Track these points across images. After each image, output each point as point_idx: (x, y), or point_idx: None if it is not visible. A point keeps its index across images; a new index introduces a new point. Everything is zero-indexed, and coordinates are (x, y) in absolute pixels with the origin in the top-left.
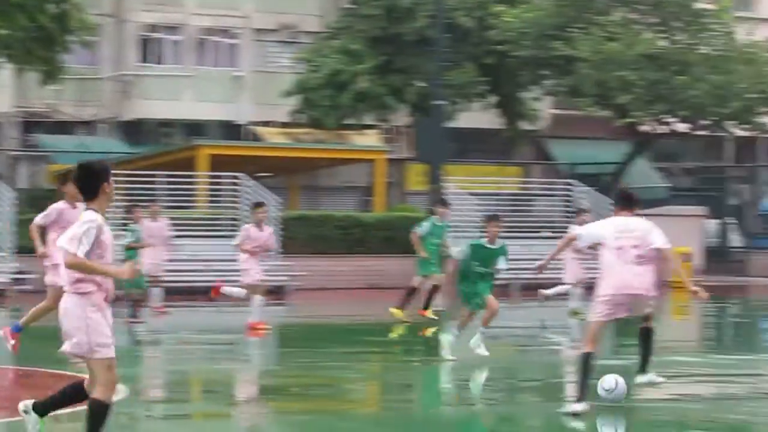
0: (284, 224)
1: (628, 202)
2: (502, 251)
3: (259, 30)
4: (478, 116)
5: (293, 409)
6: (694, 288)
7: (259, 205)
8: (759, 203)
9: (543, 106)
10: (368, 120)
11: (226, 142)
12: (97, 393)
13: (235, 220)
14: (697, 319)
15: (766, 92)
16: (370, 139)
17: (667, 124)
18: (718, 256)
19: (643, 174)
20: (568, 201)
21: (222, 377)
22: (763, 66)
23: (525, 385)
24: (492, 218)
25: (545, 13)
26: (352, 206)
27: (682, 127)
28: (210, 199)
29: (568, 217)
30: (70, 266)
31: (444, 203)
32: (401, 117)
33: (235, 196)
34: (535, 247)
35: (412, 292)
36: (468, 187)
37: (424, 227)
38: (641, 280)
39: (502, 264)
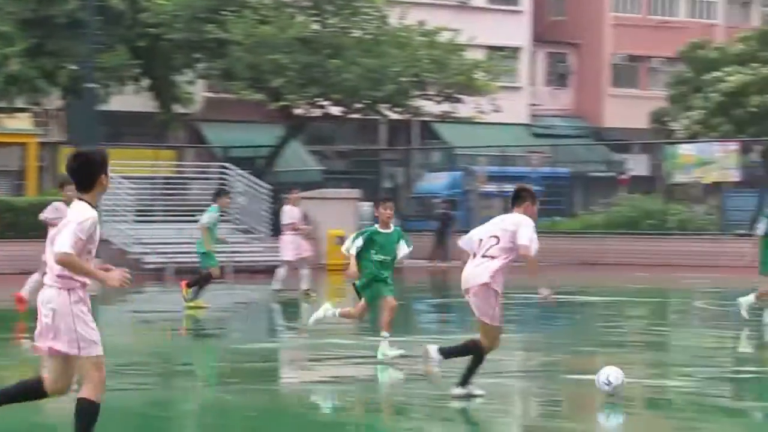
0: None
1: (514, 198)
2: (398, 236)
3: None
4: (132, 99)
5: None
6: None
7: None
8: (413, 186)
9: (196, 90)
10: (19, 103)
11: None
12: (85, 392)
13: None
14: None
15: (418, 76)
16: (21, 122)
17: (321, 107)
18: None
19: (297, 157)
20: (222, 184)
21: None
22: (416, 50)
23: (180, 370)
24: (384, 200)
25: None
26: (4, 190)
27: (335, 110)
28: None
29: None
30: (62, 263)
31: (225, 193)
32: (53, 100)
33: None
34: (190, 231)
35: (207, 279)
36: (122, 170)
37: (211, 218)
38: (475, 274)
39: (403, 250)
